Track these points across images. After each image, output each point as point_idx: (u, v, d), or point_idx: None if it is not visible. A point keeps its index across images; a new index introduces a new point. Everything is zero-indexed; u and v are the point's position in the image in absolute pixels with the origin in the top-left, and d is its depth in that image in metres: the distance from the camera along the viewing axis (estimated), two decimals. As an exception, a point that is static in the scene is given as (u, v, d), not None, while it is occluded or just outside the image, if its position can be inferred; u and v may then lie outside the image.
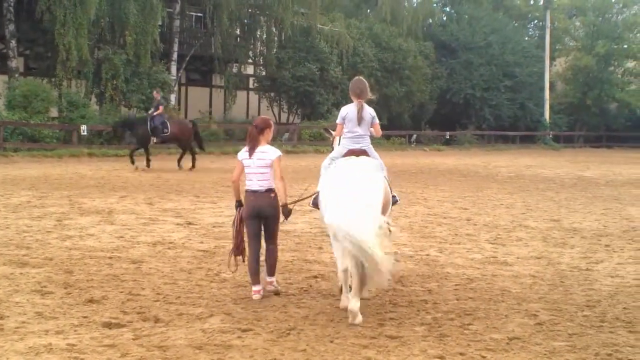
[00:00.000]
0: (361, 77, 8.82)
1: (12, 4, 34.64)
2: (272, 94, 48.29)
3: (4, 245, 11.05)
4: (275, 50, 46.90)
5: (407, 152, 47.31)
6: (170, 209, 15.91)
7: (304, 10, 46.93)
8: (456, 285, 9.30)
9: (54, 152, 31.29)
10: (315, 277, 9.49)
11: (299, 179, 22.73)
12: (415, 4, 60.41)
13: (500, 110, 59.36)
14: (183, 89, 46.25)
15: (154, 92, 28.40)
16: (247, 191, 8.50)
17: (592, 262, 11.05)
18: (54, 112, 35.08)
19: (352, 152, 8.40)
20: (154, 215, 14.76)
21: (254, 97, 49.61)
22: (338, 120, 8.62)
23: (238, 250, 8.64)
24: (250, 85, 49.53)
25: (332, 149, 9.22)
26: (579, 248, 12.28)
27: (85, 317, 7.34)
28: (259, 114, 47.95)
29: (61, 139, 33.67)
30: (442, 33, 60.24)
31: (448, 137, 55.52)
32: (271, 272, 8.63)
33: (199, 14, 44.99)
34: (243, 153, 8.53)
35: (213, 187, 20.82)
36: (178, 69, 42.74)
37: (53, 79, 35.82)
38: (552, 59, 65.48)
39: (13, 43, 35.03)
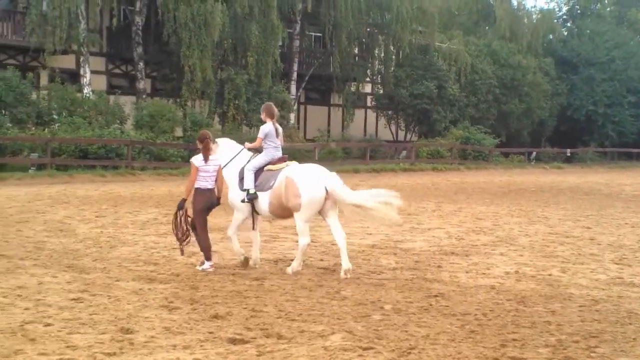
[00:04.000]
0: (271, 103, 11.97)
1: (140, 28, 36.10)
2: (390, 112, 48.44)
3: (133, 262, 11.49)
4: (393, 68, 47.00)
5: (526, 169, 46.54)
6: (293, 226, 16.08)
7: (422, 29, 46.91)
8: (580, 306, 9.09)
9: (178, 170, 32.21)
10: (436, 296, 9.43)
11: (417, 197, 22.68)
12: (535, 20, 59.45)
13: (624, 126, 57.74)
14: (302, 107, 46.93)
15: None
16: (202, 189, 10.72)
17: None
18: (178, 132, 36.17)
19: (282, 159, 11.30)
20: (275, 233, 15.02)
21: (371, 115, 49.75)
22: (260, 135, 11.26)
23: (184, 237, 10.86)
24: (368, 104, 49.79)
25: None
26: None
27: (210, 332, 7.52)
28: (376, 132, 48.15)
29: (186, 157, 34.52)
30: (562, 49, 59.12)
31: (569, 155, 54.29)
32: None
33: (318, 34, 45.65)
34: (200, 161, 10.68)
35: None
36: (297, 88, 43.41)
37: (178, 100, 37.12)
38: (680, 73, 63.00)
39: (141, 65, 36.55)
